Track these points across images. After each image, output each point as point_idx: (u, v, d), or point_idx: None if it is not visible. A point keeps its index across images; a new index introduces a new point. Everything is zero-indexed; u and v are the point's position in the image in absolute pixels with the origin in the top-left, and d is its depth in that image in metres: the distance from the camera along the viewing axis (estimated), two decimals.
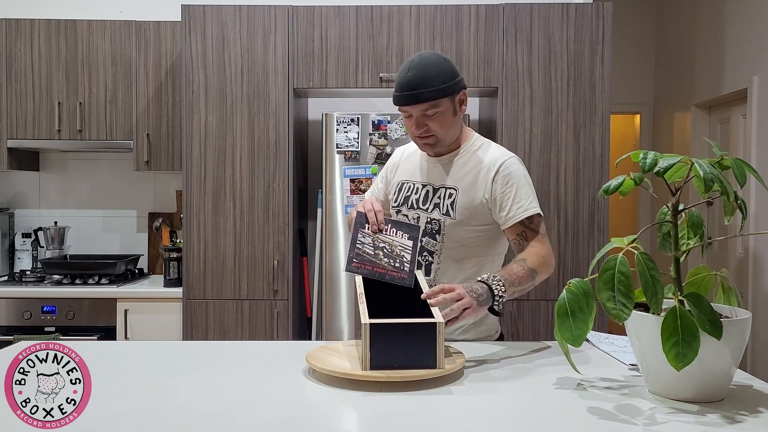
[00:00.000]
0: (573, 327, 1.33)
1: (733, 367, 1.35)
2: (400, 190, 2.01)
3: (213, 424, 1.27)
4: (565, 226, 3.25)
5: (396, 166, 2.08)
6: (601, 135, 3.25)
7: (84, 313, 3.33)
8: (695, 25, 4.81)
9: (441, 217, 1.89)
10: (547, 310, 3.23)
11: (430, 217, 1.91)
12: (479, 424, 1.28)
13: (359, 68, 3.28)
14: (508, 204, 1.83)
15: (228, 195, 3.29)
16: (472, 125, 3.70)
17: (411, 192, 1.97)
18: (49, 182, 3.93)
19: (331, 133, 3.30)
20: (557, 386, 1.48)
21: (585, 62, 3.24)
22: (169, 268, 3.44)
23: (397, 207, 1.99)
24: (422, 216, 1.92)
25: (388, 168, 2.11)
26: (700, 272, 1.47)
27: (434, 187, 1.93)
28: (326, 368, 1.50)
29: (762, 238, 3.86)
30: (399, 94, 1.81)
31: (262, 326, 3.28)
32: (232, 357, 1.81)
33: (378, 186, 2.13)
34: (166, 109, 3.54)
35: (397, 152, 2.13)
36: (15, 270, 3.78)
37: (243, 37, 3.28)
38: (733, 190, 1.33)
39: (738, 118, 4.28)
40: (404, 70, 1.81)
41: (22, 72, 3.52)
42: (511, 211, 1.83)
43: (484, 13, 3.26)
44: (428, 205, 1.92)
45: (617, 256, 1.32)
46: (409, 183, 1.99)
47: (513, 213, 1.83)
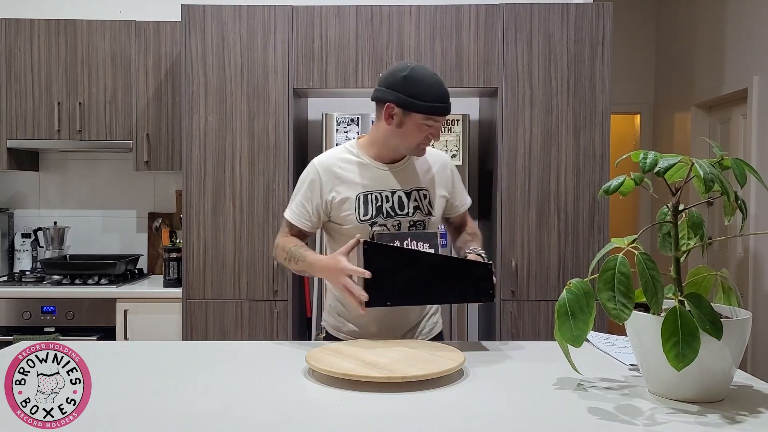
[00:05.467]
0: (573, 327, 1.33)
1: (733, 368, 1.35)
2: (364, 203, 1.94)
3: (213, 424, 1.27)
4: (565, 226, 3.25)
5: (322, 183, 1.95)
6: (601, 135, 3.25)
7: (84, 313, 3.33)
8: (695, 25, 4.81)
9: (424, 217, 2.00)
10: (547, 310, 3.23)
11: (412, 220, 1.98)
12: (479, 424, 1.28)
13: (359, 68, 3.28)
14: (460, 194, 2.14)
15: (228, 195, 3.29)
16: (472, 125, 3.70)
17: (381, 201, 1.96)
18: (48, 182, 3.93)
19: (331, 133, 3.30)
20: (557, 386, 1.48)
21: (585, 62, 3.24)
22: (168, 268, 3.44)
23: (370, 219, 1.94)
24: (403, 221, 1.97)
25: (311, 188, 1.96)
26: (701, 272, 1.47)
27: (405, 191, 1.98)
28: (326, 368, 1.50)
29: (762, 239, 3.86)
30: (443, 104, 1.89)
31: (262, 326, 3.28)
32: (232, 357, 1.81)
33: (306, 209, 1.97)
34: (165, 109, 3.54)
35: (312, 173, 1.97)
36: (15, 270, 3.78)
37: (243, 37, 3.28)
38: (733, 190, 1.33)
39: (738, 118, 4.28)
40: (436, 82, 1.89)
41: (21, 72, 3.52)
42: (464, 200, 2.15)
43: (484, 13, 3.26)
44: (407, 210, 1.98)
45: (617, 257, 1.32)
46: (373, 194, 1.95)
47: (464, 201, 2.15)
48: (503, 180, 3.25)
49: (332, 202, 1.94)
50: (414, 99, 1.85)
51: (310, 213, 1.97)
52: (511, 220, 3.24)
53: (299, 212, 1.98)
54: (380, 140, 1.96)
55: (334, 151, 2.03)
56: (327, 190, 1.95)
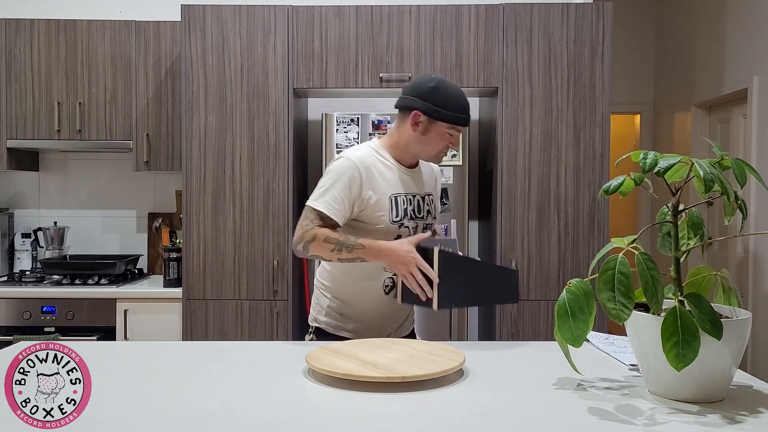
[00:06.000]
0: (573, 327, 1.33)
1: (733, 368, 1.35)
2: (395, 205, 2.02)
3: (213, 424, 1.27)
4: (565, 226, 3.25)
5: (362, 180, 1.98)
6: (601, 135, 3.25)
7: (84, 313, 3.33)
8: (695, 25, 4.81)
9: (432, 220, 2.15)
10: (547, 310, 3.23)
11: (426, 223, 2.11)
12: (479, 424, 1.28)
13: (359, 68, 3.28)
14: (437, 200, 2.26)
15: (228, 195, 3.29)
16: (472, 125, 3.70)
17: (407, 204, 2.06)
18: (48, 182, 3.93)
19: (331, 133, 3.30)
20: (557, 386, 1.48)
21: (585, 62, 3.24)
22: (168, 269, 3.44)
23: (399, 221, 2.03)
24: (419, 224, 2.09)
25: (351, 183, 1.97)
26: (701, 272, 1.47)
27: (420, 195, 2.12)
28: (326, 368, 1.50)
29: (762, 239, 3.86)
30: (466, 115, 2.02)
31: (261, 326, 3.28)
32: (232, 357, 1.81)
33: (343, 203, 1.97)
34: (165, 109, 3.54)
35: (352, 169, 1.99)
36: (14, 270, 3.78)
37: (243, 37, 3.28)
38: (733, 190, 1.33)
39: (738, 118, 4.28)
40: (461, 94, 2.02)
41: (21, 72, 3.52)
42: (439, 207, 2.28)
43: (484, 13, 3.26)
44: (422, 213, 2.11)
45: (617, 257, 1.32)
46: (401, 196, 2.05)
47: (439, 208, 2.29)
48: (503, 180, 3.25)
49: (368, 201, 1.99)
50: (440, 108, 1.97)
51: (347, 207, 1.97)
52: (511, 220, 3.24)
53: (337, 205, 1.96)
54: (403, 146, 2.05)
55: (366, 150, 2.06)
56: (365, 188, 1.98)
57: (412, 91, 2.02)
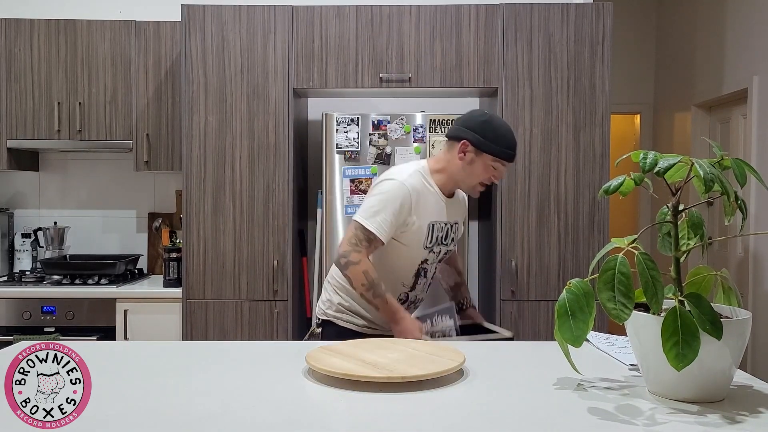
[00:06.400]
0: (573, 327, 1.33)
1: (734, 368, 1.35)
2: (431, 232, 2.17)
3: (213, 424, 1.27)
4: (565, 226, 3.25)
5: (412, 206, 2.11)
6: (601, 135, 3.25)
7: (84, 313, 3.33)
8: (695, 25, 4.81)
9: (453, 246, 2.30)
10: (547, 310, 3.23)
11: (448, 249, 2.27)
12: (479, 424, 1.28)
13: (359, 68, 3.28)
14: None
15: (228, 195, 3.29)
16: None
17: (440, 231, 2.20)
18: (48, 182, 3.92)
19: (330, 133, 3.29)
20: (557, 386, 1.48)
21: (585, 62, 3.24)
22: (168, 269, 3.44)
23: (431, 247, 2.18)
24: (443, 249, 2.24)
25: (402, 209, 2.09)
26: (701, 272, 1.47)
27: (450, 224, 2.25)
28: (326, 368, 1.50)
29: (762, 238, 3.86)
30: (512, 152, 2.14)
31: (261, 326, 3.28)
32: (232, 357, 1.81)
33: (393, 227, 2.09)
34: (165, 109, 3.54)
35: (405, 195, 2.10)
36: (15, 270, 3.78)
37: (243, 37, 3.28)
38: (734, 190, 1.33)
39: (738, 118, 4.28)
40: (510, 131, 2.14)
41: (21, 72, 3.52)
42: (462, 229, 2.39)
43: (484, 13, 3.26)
44: (448, 240, 2.25)
45: (617, 257, 1.32)
46: (438, 224, 2.19)
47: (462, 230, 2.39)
48: (503, 180, 3.24)
49: (410, 226, 2.11)
50: (488, 141, 2.09)
51: (393, 230, 2.11)
52: (511, 220, 3.24)
53: (387, 228, 2.08)
54: (448, 173, 2.17)
55: (417, 177, 2.15)
56: (412, 214, 2.11)
57: (464, 122, 2.14)
